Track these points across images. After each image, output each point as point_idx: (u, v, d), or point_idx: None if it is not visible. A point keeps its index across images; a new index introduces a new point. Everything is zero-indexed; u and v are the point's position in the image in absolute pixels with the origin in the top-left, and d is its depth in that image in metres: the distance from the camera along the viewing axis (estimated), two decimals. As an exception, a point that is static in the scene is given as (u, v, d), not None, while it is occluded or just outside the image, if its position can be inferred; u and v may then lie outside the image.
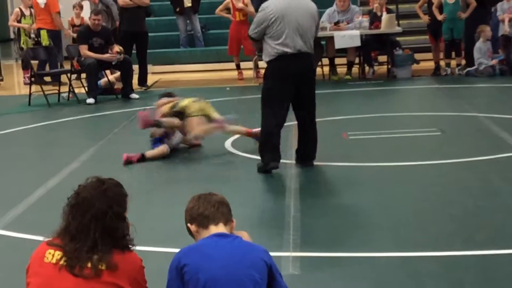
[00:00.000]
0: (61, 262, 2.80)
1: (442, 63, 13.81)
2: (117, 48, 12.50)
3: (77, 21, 15.41)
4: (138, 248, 4.73)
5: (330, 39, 13.46)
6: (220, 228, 3.10)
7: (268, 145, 7.06)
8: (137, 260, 2.91)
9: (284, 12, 6.94)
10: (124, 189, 3.00)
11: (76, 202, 2.89)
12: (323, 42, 13.99)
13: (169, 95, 8.39)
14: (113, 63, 12.43)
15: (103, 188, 2.91)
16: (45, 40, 14.68)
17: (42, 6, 14.78)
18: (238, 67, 14.53)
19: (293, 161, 7.30)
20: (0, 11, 24.29)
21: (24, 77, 15.39)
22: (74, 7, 15.61)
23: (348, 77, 13.74)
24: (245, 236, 3.20)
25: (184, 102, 8.00)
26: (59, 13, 14.89)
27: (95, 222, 2.83)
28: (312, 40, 7.16)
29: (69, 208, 2.90)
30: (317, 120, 7.34)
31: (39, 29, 14.75)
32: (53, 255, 2.83)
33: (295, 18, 6.96)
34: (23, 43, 15.06)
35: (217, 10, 14.97)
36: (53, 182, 6.95)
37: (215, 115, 8.02)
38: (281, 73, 6.97)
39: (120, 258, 2.83)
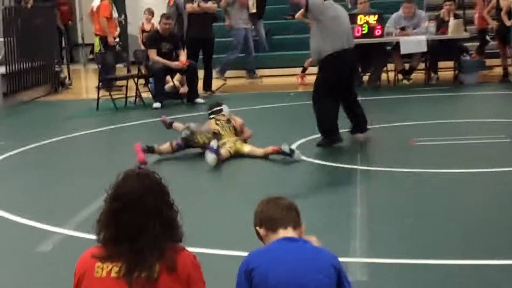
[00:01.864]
0: (113, 274, 2.66)
1: (510, 69, 13.55)
2: (184, 57, 12.58)
3: (147, 27, 15.59)
4: (205, 250, 4.79)
5: (397, 51, 13.31)
6: (289, 232, 3.08)
7: (331, 131, 8.12)
8: (189, 257, 2.74)
9: (337, 13, 8.21)
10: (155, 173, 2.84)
11: (126, 206, 2.69)
12: (388, 48, 13.87)
13: (218, 105, 8.57)
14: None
15: (147, 183, 2.74)
16: (97, 47, 14.82)
17: (94, 9, 14.87)
18: (304, 70, 14.38)
19: (359, 167, 7.30)
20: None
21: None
22: (144, 12, 15.75)
23: (405, 82, 13.59)
24: (314, 240, 3.19)
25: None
26: (108, 18, 14.68)
27: (154, 220, 2.69)
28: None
29: (117, 214, 2.70)
30: (383, 125, 7.46)
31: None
32: (103, 268, 2.68)
33: (344, 19, 8.29)
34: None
35: (297, 15, 14.83)
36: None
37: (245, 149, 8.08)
38: (339, 66, 8.08)
39: (175, 257, 2.68)
